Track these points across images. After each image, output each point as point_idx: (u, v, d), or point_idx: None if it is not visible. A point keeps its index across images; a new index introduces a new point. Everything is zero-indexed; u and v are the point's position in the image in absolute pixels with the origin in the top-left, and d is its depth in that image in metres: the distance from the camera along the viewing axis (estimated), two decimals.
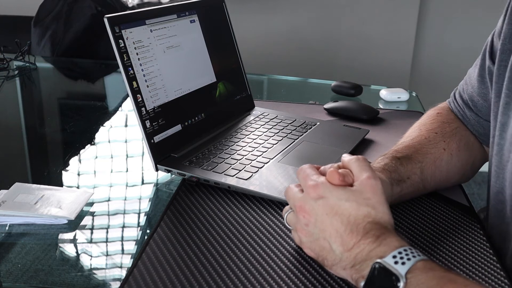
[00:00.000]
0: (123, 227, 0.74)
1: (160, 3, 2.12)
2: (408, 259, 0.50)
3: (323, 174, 0.61)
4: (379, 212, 0.56)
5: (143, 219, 0.76)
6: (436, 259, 0.63)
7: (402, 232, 0.68)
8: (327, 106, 1.13)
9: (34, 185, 0.78)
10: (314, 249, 0.58)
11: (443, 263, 0.62)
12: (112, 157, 0.96)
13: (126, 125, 1.12)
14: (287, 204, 0.64)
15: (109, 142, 1.04)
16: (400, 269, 0.50)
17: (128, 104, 1.20)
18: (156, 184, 0.85)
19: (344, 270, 0.55)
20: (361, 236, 0.54)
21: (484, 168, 0.83)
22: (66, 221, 0.71)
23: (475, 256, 0.63)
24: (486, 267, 0.61)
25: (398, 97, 1.24)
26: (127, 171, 0.91)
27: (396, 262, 0.50)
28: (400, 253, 0.51)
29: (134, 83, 0.80)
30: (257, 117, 1.02)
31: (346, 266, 0.55)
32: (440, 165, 0.76)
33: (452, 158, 0.77)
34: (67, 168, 0.91)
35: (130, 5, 2.11)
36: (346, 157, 0.63)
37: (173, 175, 0.82)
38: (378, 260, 0.51)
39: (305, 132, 0.96)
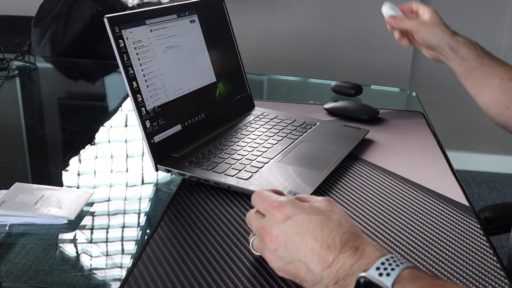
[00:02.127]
0: (123, 227, 0.74)
1: (160, 3, 2.12)
2: (392, 269, 0.49)
3: (280, 194, 0.60)
4: (347, 221, 0.56)
5: (143, 219, 0.76)
6: (436, 259, 0.63)
7: (403, 232, 0.68)
8: (327, 106, 1.13)
9: (34, 185, 0.78)
10: (289, 272, 0.56)
11: (443, 263, 0.62)
12: (112, 157, 0.96)
13: (126, 125, 1.12)
14: None
15: (109, 142, 1.04)
16: (386, 281, 0.48)
17: (128, 104, 1.20)
18: (156, 184, 0.85)
19: None
20: (339, 249, 0.52)
21: (485, 168, 0.83)
22: (66, 221, 0.71)
23: (475, 256, 0.63)
24: (486, 267, 0.61)
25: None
26: (127, 171, 0.91)
27: (380, 274, 0.49)
28: (383, 263, 0.50)
29: (134, 83, 0.80)
30: (257, 117, 1.02)
31: (328, 283, 0.52)
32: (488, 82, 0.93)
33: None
34: (67, 168, 0.91)
35: (130, 5, 2.11)
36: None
37: (173, 175, 0.82)
38: (363, 274, 0.49)
39: (305, 132, 0.96)
